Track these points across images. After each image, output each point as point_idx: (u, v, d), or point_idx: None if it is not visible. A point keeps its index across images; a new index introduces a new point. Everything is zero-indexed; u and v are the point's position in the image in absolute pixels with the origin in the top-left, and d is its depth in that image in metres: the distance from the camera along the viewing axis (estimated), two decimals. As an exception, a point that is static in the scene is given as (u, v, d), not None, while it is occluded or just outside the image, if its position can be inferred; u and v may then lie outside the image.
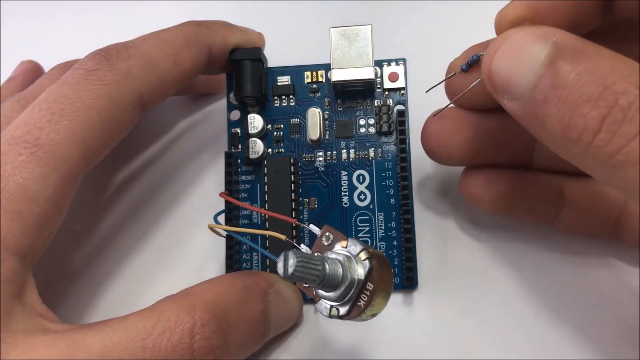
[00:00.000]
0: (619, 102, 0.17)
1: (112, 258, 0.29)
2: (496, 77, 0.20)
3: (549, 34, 0.19)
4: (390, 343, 0.26)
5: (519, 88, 0.19)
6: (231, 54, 0.28)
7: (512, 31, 0.20)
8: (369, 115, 0.28)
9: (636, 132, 0.17)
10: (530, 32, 0.19)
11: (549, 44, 0.19)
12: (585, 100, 0.18)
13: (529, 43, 0.19)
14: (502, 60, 0.20)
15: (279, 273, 0.19)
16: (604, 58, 0.18)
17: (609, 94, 0.17)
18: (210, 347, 0.21)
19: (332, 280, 0.19)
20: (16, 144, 0.22)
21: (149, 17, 0.34)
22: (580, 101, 0.18)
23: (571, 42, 0.19)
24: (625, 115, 0.17)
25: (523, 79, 0.19)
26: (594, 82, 0.18)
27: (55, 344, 0.20)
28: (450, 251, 0.28)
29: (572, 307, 0.26)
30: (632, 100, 0.17)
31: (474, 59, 0.22)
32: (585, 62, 0.18)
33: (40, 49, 0.34)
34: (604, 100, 0.17)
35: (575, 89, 0.18)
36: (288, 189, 0.27)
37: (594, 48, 0.18)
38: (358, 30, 0.27)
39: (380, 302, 0.20)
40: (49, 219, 0.22)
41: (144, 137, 0.32)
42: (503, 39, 0.20)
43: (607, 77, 0.17)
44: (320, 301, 0.20)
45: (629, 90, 0.17)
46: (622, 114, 0.17)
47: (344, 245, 0.20)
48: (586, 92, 0.18)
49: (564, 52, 0.19)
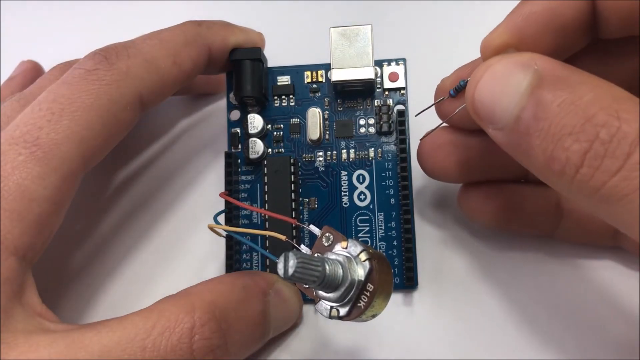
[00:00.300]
0: (600, 136, 0.17)
1: (111, 258, 0.29)
2: (479, 107, 0.20)
3: (530, 61, 0.19)
4: (390, 343, 0.26)
5: (502, 119, 0.19)
6: (231, 53, 0.28)
7: (493, 60, 0.20)
8: (369, 115, 0.28)
9: (619, 167, 0.16)
10: (511, 61, 0.19)
11: (530, 73, 0.18)
12: (567, 133, 0.17)
13: (510, 73, 0.19)
14: (484, 90, 0.20)
15: (279, 274, 0.19)
16: (586, 87, 0.18)
17: (590, 127, 0.17)
18: (209, 347, 0.21)
19: (332, 281, 0.19)
20: (16, 143, 0.22)
21: (149, 17, 0.34)
22: (562, 134, 0.17)
23: (553, 69, 0.18)
24: (606, 149, 0.17)
25: (505, 110, 0.19)
26: (576, 113, 0.17)
27: (54, 344, 0.20)
28: (450, 251, 0.28)
29: (572, 307, 0.26)
30: (613, 133, 0.16)
31: (461, 85, 0.22)
32: (566, 92, 0.18)
33: (40, 49, 0.34)
34: (585, 133, 0.17)
35: (556, 121, 0.17)
36: (288, 189, 0.27)
37: (576, 76, 0.18)
38: (358, 30, 0.27)
39: (380, 302, 0.20)
40: (48, 219, 0.22)
41: (144, 137, 0.32)
42: (485, 69, 0.20)
43: (589, 108, 0.17)
44: (320, 302, 0.20)
45: (610, 123, 0.17)
46: (604, 148, 0.17)
47: (344, 246, 0.20)
48: (568, 124, 0.17)
49: (545, 81, 0.18)
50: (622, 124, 0.16)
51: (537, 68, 0.18)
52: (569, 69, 0.18)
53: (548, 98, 0.18)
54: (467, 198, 0.26)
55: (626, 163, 0.16)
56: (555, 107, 0.18)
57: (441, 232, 0.28)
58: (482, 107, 0.20)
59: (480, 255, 0.28)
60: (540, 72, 0.18)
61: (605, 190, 0.17)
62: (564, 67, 0.19)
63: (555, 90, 0.18)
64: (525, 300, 0.27)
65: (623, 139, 0.16)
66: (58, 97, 0.23)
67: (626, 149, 0.16)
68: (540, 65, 0.19)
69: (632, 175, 0.16)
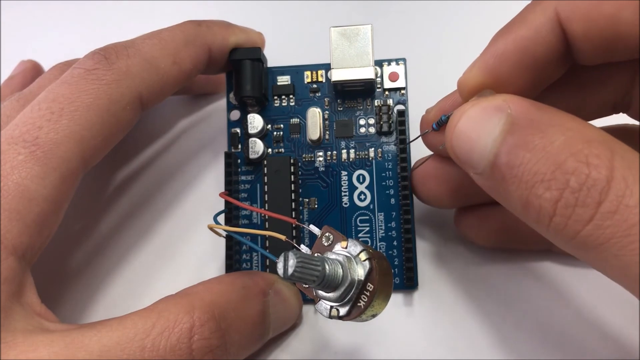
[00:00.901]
0: (571, 184, 0.16)
1: (111, 258, 0.29)
2: (458, 153, 0.20)
3: (503, 105, 0.19)
4: (390, 343, 0.26)
5: (479, 165, 0.19)
6: (231, 53, 0.28)
7: (468, 105, 0.20)
8: (369, 115, 0.28)
9: (591, 216, 0.16)
10: (484, 106, 0.19)
11: (503, 118, 0.18)
12: (539, 181, 0.17)
13: (484, 119, 0.19)
14: (460, 137, 0.20)
15: (278, 273, 0.19)
16: (558, 130, 0.17)
17: (560, 175, 0.17)
18: (209, 347, 0.21)
19: (332, 281, 0.19)
20: (15, 143, 0.22)
21: (149, 17, 0.35)
22: (534, 181, 0.17)
23: (526, 113, 0.18)
24: (577, 198, 0.16)
25: (481, 157, 0.19)
26: (546, 160, 0.17)
27: (54, 343, 0.20)
28: (450, 251, 0.28)
29: (571, 307, 0.26)
30: (583, 181, 0.16)
31: (442, 120, 0.22)
32: (538, 137, 0.17)
33: (40, 49, 0.34)
34: (556, 181, 0.17)
35: (528, 168, 0.17)
36: (288, 189, 0.27)
37: (549, 117, 0.18)
38: (358, 29, 0.27)
39: (380, 302, 0.20)
40: (48, 219, 0.22)
41: (144, 137, 0.32)
42: (460, 115, 0.20)
43: (559, 154, 0.17)
44: (320, 302, 0.20)
45: (579, 170, 0.16)
46: (574, 197, 0.16)
47: (344, 246, 0.20)
48: (539, 171, 0.17)
49: (517, 126, 0.18)
50: (591, 170, 0.16)
51: (510, 112, 0.18)
52: (542, 109, 0.18)
53: (520, 144, 0.18)
54: (463, 222, 0.27)
55: (597, 212, 0.16)
56: (527, 154, 0.17)
57: (441, 232, 0.28)
58: (460, 152, 0.20)
59: (480, 255, 0.28)
60: (513, 116, 0.18)
61: (580, 239, 0.17)
62: (537, 109, 0.18)
63: (527, 135, 0.18)
64: (524, 300, 0.26)
65: (593, 187, 0.16)
66: (58, 97, 0.23)
67: (596, 197, 0.16)
68: (513, 108, 0.18)
69: (604, 224, 0.16)
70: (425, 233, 0.28)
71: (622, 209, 0.16)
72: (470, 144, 0.19)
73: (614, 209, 0.16)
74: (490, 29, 0.22)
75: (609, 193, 0.16)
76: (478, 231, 0.26)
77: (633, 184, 0.16)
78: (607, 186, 0.16)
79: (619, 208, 0.16)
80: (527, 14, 0.20)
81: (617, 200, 0.16)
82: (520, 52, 0.20)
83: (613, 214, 0.16)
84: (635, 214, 0.15)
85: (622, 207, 0.16)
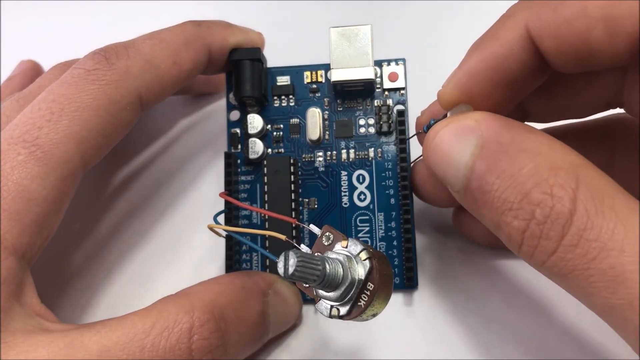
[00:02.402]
0: (536, 215, 0.17)
1: (111, 258, 0.29)
2: (434, 171, 0.20)
3: (475, 127, 0.19)
4: (390, 343, 0.26)
5: (454, 185, 0.19)
6: (231, 54, 0.28)
7: (441, 125, 0.20)
8: (369, 115, 0.28)
9: (554, 249, 0.17)
10: (455, 128, 0.19)
11: (473, 142, 0.19)
12: (508, 209, 0.17)
13: (454, 142, 0.19)
14: (434, 158, 0.20)
15: (279, 273, 0.19)
16: (526, 157, 0.17)
17: (526, 204, 0.17)
18: (208, 347, 0.21)
19: (333, 280, 0.19)
20: (15, 143, 0.22)
21: (149, 17, 0.35)
22: (503, 209, 0.18)
23: (496, 136, 0.18)
24: (542, 230, 0.17)
25: (455, 179, 0.19)
26: (514, 188, 0.17)
27: (53, 343, 0.20)
28: (450, 251, 0.28)
29: (572, 307, 0.26)
30: (547, 214, 0.17)
31: (430, 124, 0.22)
32: (507, 164, 0.18)
33: (40, 49, 0.34)
34: (523, 210, 0.17)
35: (497, 195, 0.18)
36: (288, 189, 0.27)
37: (519, 141, 0.18)
38: (358, 30, 0.27)
39: (380, 302, 0.20)
40: (47, 219, 0.22)
41: (143, 137, 0.32)
42: (433, 136, 0.20)
43: (526, 182, 0.17)
44: (321, 301, 0.20)
45: (544, 202, 0.17)
46: (539, 228, 0.17)
47: (344, 245, 0.20)
48: (508, 199, 0.17)
49: (486, 151, 0.18)
50: (555, 203, 0.16)
51: (481, 134, 0.18)
52: (513, 131, 0.18)
53: (490, 170, 0.18)
54: (460, 220, 0.27)
55: (560, 245, 0.16)
56: (496, 180, 0.18)
57: (441, 231, 0.28)
58: (436, 172, 0.20)
59: (480, 255, 0.28)
60: (483, 138, 0.18)
61: (547, 267, 0.17)
62: (508, 130, 0.18)
63: (496, 160, 0.18)
64: (525, 300, 0.26)
65: (556, 220, 0.16)
66: (58, 97, 0.23)
67: (559, 230, 0.16)
68: (485, 130, 0.19)
69: (567, 257, 0.16)
70: (425, 233, 0.28)
71: (583, 243, 0.16)
72: (444, 166, 0.20)
73: (575, 243, 0.16)
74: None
75: (571, 226, 0.16)
76: (476, 229, 0.26)
77: (595, 216, 0.16)
78: (570, 220, 0.16)
79: (579, 242, 0.16)
80: (498, 29, 0.20)
81: (578, 234, 0.16)
82: (492, 70, 0.20)
83: (574, 248, 0.16)
84: (595, 247, 0.16)
85: (582, 240, 0.16)
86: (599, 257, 0.16)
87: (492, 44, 0.20)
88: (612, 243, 0.16)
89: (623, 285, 0.15)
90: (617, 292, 0.15)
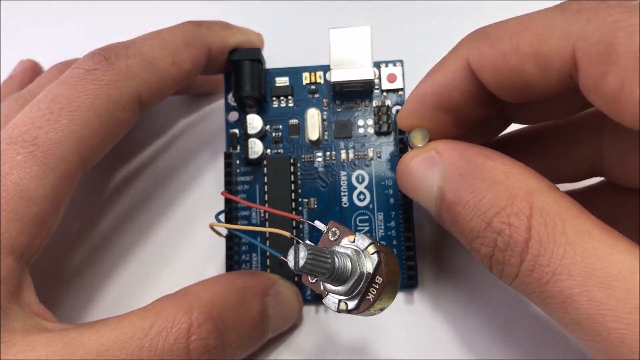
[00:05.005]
0: (498, 243, 0.18)
1: (110, 258, 0.29)
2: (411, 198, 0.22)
3: (436, 158, 0.20)
4: (391, 342, 0.26)
5: (430, 212, 0.21)
6: (230, 54, 0.28)
7: (407, 157, 0.21)
8: (368, 116, 0.28)
9: (515, 273, 0.18)
10: (421, 161, 0.21)
11: (437, 174, 0.20)
12: (475, 237, 0.19)
13: (421, 175, 0.21)
14: (406, 188, 0.22)
15: (289, 266, 0.18)
16: (485, 185, 0.19)
17: (490, 233, 0.18)
18: (206, 348, 0.21)
19: (342, 274, 0.19)
20: (14, 143, 0.22)
21: (149, 17, 0.35)
22: (472, 236, 0.19)
23: (456, 167, 0.20)
24: (504, 257, 0.18)
25: (429, 208, 0.21)
26: (478, 217, 0.19)
27: (52, 343, 0.20)
28: (451, 250, 0.28)
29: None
30: (507, 242, 0.18)
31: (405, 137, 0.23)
32: (469, 194, 0.19)
33: (40, 49, 0.34)
34: (487, 238, 0.18)
35: (465, 224, 0.19)
36: (288, 190, 0.27)
37: (477, 171, 0.19)
38: (357, 31, 0.27)
39: (388, 296, 0.20)
40: (46, 218, 0.22)
41: (143, 137, 0.32)
42: (402, 167, 0.22)
43: (488, 212, 0.18)
44: (329, 296, 0.20)
45: (503, 232, 0.18)
46: (502, 255, 0.18)
47: (351, 240, 0.20)
48: (474, 228, 0.19)
49: (450, 183, 0.20)
50: (512, 232, 0.18)
51: (443, 165, 0.20)
52: (471, 161, 0.20)
53: (455, 201, 0.19)
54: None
55: (520, 270, 0.18)
56: (462, 210, 0.19)
57: (441, 231, 0.28)
58: (412, 198, 0.22)
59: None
60: (446, 170, 0.20)
61: (514, 287, 0.19)
62: (467, 161, 0.20)
63: (460, 192, 0.19)
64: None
65: (514, 248, 0.18)
66: (57, 97, 0.23)
67: (518, 257, 0.18)
68: (445, 160, 0.20)
69: (526, 280, 0.18)
70: (425, 232, 0.28)
71: (538, 268, 0.17)
72: (417, 196, 0.21)
73: (531, 268, 0.17)
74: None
75: (527, 253, 0.17)
76: None
77: (547, 242, 0.17)
78: (526, 247, 0.17)
79: (534, 267, 0.17)
80: (444, 61, 0.21)
81: (533, 260, 0.17)
82: (437, 96, 0.21)
83: (531, 272, 0.17)
84: (547, 272, 0.17)
85: (537, 266, 0.17)
86: (552, 281, 0.17)
87: (437, 73, 0.21)
88: (561, 268, 0.17)
89: (572, 307, 0.16)
90: (569, 313, 0.17)
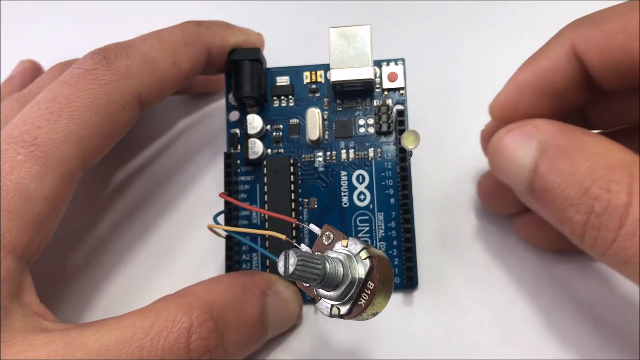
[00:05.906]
0: (595, 209, 0.18)
1: (110, 258, 0.29)
2: (500, 175, 0.22)
3: (534, 132, 0.20)
4: (390, 343, 0.26)
5: (518, 188, 0.21)
6: (230, 54, 0.28)
7: (502, 133, 0.22)
8: (368, 115, 0.28)
9: (614, 238, 0.18)
10: (515, 134, 0.21)
11: (533, 146, 0.20)
12: (569, 204, 0.19)
13: (514, 148, 0.21)
14: (498, 164, 0.22)
15: (279, 272, 0.18)
16: (583, 156, 0.19)
17: (586, 199, 0.18)
18: (206, 347, 0.21)
19: (333, 279, 0.19)
20: (14, 143, 0.22)
21: (149, 17, 0.35)
22: (565, 204, 0.19)
23: (555, 139, 0.20)
24: (600, 222, 0.18)
25: (519, 182, 0.21)
26: (574, 185, 0.19)
27: (52, 343, 0.20)
28: (450, 251, 0.28)
29: (572, 306, 0.26)
30: (605, 207, 0.18)
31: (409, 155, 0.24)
32: (566, 164, 0.19)
33: (40, 49, 0.34)
34: (583, 205, 0.19)
35: (559, 192, 0.19)
36: (288, 190, 0.27)
37: (575, 143, 0.19)
38: (357, 30, 0.27)
39: (381, 301, 0.20)
40: (46, 218, 0.22)
41: (143, 137, 0.32)
42: (495, 142, 0.22)
43: (584, 180, 0.19)
44: (321, 300, 0.20)
45: (602, 197, 0.18)
46: (598, 220, 0.18)
47: (344, 245, 0.20)
48: (569, 195, 0.19)
49: (546, 153, 0.20)
50: (612, 197, 0.18)
51: (540, 138, 0.20)
52: (570, 134, 0.20)
53: (551, 170, 0.19)
54: (521, 228, 0.27)
55: (619, 234, 0.18)
56: (557, 179, 0.19)
57: (441, 231, 0.28)
58: (501, 175, 0.22)
59: (480, 255, 0.28)
60: (543, 142, 0.20)
61: (608, 256, 0.19)
62: (565, 133, 0.20)
63: (556, 162, 0.19)
64: (524, 300, 0.26)
65: (613, 212, 0.18)
66: (57, 97, 0.23)
67: (617, 221, 0.18)
68: (543, 134, 0.20)
69: (626, 245, 0.18)
70: (425, 233, 0.28)
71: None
72: (509, 170, 0.21)
73: (633, 232, 0.18)
74: (488, 29, 0.22)
75: (628, 217, 0.18)
76: (536, 235, 0.26)
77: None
78: (627, 211, 0.18)
79: (636, 231, 0.17)
80: (546, 47, 0.22)
81: (634, 225, 0.17)
82: (539, 82, 0.22)
83: (632, 237, 0.18)
84: None
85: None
86: None
87: (540, 58, 0.22)
88: None
89: None
90: None
